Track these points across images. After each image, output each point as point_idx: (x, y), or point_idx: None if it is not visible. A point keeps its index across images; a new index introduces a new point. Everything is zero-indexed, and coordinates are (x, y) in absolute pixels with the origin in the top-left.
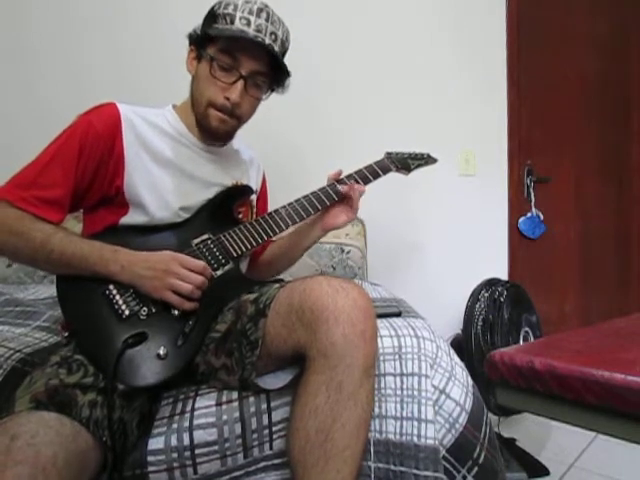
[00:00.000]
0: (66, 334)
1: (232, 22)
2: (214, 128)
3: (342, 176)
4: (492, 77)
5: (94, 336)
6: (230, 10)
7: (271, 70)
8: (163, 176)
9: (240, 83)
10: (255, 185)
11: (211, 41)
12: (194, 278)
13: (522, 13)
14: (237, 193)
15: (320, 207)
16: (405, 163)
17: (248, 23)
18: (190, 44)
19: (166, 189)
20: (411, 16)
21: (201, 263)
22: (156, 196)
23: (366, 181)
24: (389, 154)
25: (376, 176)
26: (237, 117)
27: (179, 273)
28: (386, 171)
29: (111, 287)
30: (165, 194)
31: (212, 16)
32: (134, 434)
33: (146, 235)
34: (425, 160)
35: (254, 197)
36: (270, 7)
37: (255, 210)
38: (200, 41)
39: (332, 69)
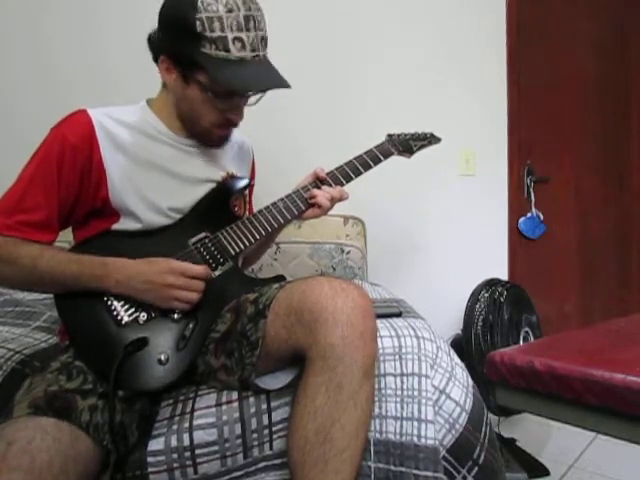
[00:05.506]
0: (66, 343)
1: (226, 49)
2: (216, 142)
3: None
4: (492, 77)
5: (94, 344)
6: (218, 32)
7: None
8: (147, 179)
9: (242, 103)
10: (247, 168)
11: (201, 67)
12: (197, 286)
13: (522, 13)
14: (232, 188)
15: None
16: (407, 145)
17: (243, 45)
18: (159, 52)
19: (152, 192)
20: (411, 16)
21: (202, 268)
22: (144, 201)
23: (367, 167)
24: (390, 136)
25: (377, 161)
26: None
27: (181, 285)
28: (387, 155)
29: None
30: (152, 197)
31: (193, 35)
32: (134, 435)
33: (140, 239)
34: (428, 140)
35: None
36: (250, 3)
37: (248, 199)
38: (184, 63)
39: (330, 67)
